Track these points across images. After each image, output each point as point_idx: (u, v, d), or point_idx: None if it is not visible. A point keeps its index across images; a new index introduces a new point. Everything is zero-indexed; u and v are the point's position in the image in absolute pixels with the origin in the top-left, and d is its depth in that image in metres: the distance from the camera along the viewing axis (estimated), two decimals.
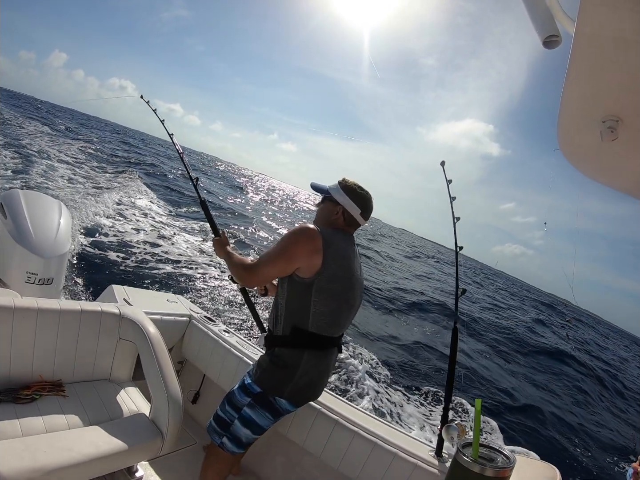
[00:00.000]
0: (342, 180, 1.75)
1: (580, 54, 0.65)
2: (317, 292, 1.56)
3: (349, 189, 1.72)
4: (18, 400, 1.63)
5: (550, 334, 18.21)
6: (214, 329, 2.58)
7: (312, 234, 1.57)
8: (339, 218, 1.72)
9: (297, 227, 1.63)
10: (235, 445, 1.68)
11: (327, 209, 1.76)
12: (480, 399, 0.87)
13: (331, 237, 1.60)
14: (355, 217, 1.73)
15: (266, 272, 1.62)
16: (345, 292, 1.63)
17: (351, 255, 1.68)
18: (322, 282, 1.55)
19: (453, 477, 0.84)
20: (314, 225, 1.63)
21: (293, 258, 1.56)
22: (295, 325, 1.60)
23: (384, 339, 8.92)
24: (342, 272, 1.60)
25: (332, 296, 1.58)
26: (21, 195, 2.54)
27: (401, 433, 1.92)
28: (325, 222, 1.74)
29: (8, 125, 19.41)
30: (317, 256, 1.54)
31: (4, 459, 1.29)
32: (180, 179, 22.17)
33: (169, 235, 10.36)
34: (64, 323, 1.86)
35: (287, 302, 1.63)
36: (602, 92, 0.73)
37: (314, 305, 1.57)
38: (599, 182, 1.01)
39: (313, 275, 1.55)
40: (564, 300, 49.49)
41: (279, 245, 1.61)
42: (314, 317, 1.58)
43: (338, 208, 1.72)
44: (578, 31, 0.62)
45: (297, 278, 1.58)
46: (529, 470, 0.95)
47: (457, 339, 1.85)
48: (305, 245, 1.56)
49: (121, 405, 1.88)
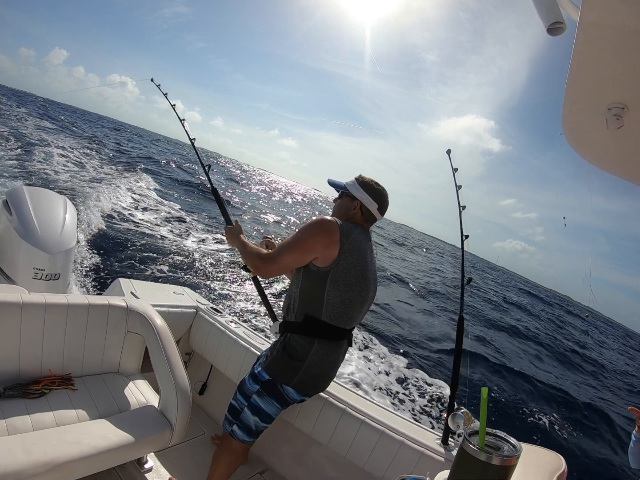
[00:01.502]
0: (358, 177, 1.79)
1: (586, 40, 0.64)
2: (331, 282, 1.58)
3: (366, 184, 1.76)
4: (28, 395, 1.65)
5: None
6: (221, 319, 2.59)
7: (330, 226, 1.59)
8: (357, 213, 1.75)
9: (315, 218, 1.65)
10: (245, 434, 1.71)
11: (344, 204, 1.79)
12: (486, 387, 0.88)
13: (349, 229, 1.62)
14: (373, 211, 1.76)
15: (283, 262, 1.63)
16: (359, 284, 1.63)
17: (367, 250, 1.69)
18: (338, 272, 1.57)
19: (459, 465, 0.85)
20: (332, 218, 1.65)
21: (310, 249, 1.58)
22: (308, 313, 1.62)
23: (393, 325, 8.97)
24: (358, 264, 1.61)
25: (346, 287, 1.59)
26: (26, 192, 2.55)
27: (408, 421, 1.94)
28: (342, 217, 1.74)
29: (8, 119, 19.40)
30: (334, 247, 1.56)
31: (15, 453, 1.31)
32: (189, 170, 22.17)
33: (175, 227, 10.39)
34: (72, 317, 1.87)
35: (301, 290, 1.64)
36: (608, 79, 0.72)
37: (327, 294, 1.59)
38: (603, 170, 1.00)
39: (329, 265, 1.57)
40: (565, 296, 49.11)
41: (296, 237, 1.62)
42: (327, 306, 1.60)
43: (355, 203, 1.75)
44: (583, 18, 0.61)
45: (313, 267, 1.60)
46: (535, 459, 0.96)
47: (463, 328, 1.85)
48: (323, 237, 1.58)
49: (130, 397, 1.90)
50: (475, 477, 0.81)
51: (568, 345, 15.93)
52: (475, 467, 0.80)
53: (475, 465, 0.80)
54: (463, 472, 0.83)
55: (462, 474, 0.84)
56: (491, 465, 0.78)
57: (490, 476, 0.79)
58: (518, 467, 0.81)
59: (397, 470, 1.72)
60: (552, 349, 13.73)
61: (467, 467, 0.82)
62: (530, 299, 33.68)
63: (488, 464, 0.78)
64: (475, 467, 0.80)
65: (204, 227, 11.58)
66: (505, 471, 0.80)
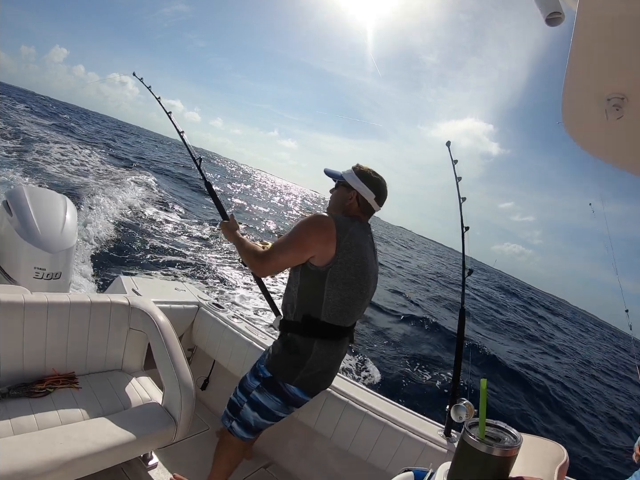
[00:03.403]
0: (356, 166, 1.72)
1: (584, 30, 0.63)
2: (330, 282, 1.53)
3: (363, 173, 1.69)
4: (32, 395, 1.66)
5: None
6: (223, 315, 2.60)
7: (325, 223, 1.55)
8: (353, 203, 1.69)
9: (310, 215, 1.60)
10: (244, 430, 1.70)
11: (340, 194, 1.73)
12: (485, 378, 0.88)
13: (345, 225, 1.57)
14: (370, 202, 1.69)
15: (279, 261, 1.60)
16: (359, 282, 1.59)
17: (366, 245, 1.64)
18: (336, 271, 1.53)
19: (460, 457, 0.85)
20: (327, 214, 1.60)
21: (306, 248, 1.54)
22: (307, 313, 1.59)
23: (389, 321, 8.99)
24: (356, 261, 1.56)
25: (346, 285, 1.55)
26: (26, 191, 2.55)
27: (410, 413, 1.94)
28: (339, 208, 1.71)
29: (8, 118, 19.33)
30: (330, 245, 1.52)
31: (22, 453, 1.32)
32: (190, 167, 22.13)
33: (176, 225, 10.39)
34: (75, 316, 1.88)
35: (299, 290, 1.60)
36: (607, 70, 0.71)
37: (327, 294, 1.55)
38: (603, 160, 1.00)
39: (327, 264, 1.52)
40: (562, 299, 49.69)
41: (292, 235, 1.58)
42: (327, 306, 1.56)
43: (352, 193, 1.68)
44: (581, 7, 0.60)
45: (310, 267, 1.56)
46: (536, 449, 0.96)
47: (464, 319, 1.85)
48: (319, 234, 1.53)
49: (134, 394, 1.91)
50: (476, 468, 0.81)
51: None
52: (476, 458, 0.80)
53: (476, 456, 0.80)
54: (464, 464, 0.84)
55: (463, 465, 0.84)
56: (492, 457, 0.79)
57: (491, 467, 0.80)
58: (519, 458, 0.81)
59: (400, 462, 1.72)
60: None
61: (468, 458, 0.82)
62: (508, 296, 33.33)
63: (488, 455, 0.78)
64: (476, 458, 0.80)
65: (205, 223, 11.59)
66: (506, 462, 0.80)
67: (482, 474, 0.81)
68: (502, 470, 0.80)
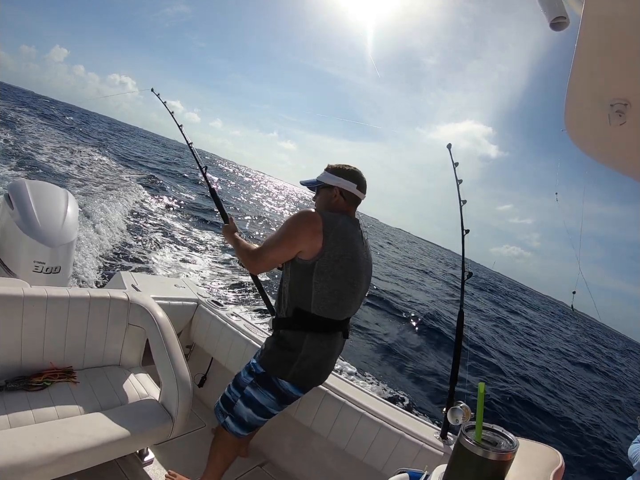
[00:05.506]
0: (327, 167, 1.78)
1: (589, 36, 0.63)
2: (318, 274, 1.56)
3: (337, 170, 1.75)
4: (30, 388, 1.66)
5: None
6: (222, 312, 2.60)
7: (312, 217, 1.59)
8: (339, 199, 1.73)
9: (297, 211, 1.65)
10: (237, 426, 1.71)
11: (324, 196, 1.77)
12: (483, 382, 0.88)
13: (333, 219, 1.61)
14: (353, 192, 1.74)
15: (269, 257, 1.64)
16: (348, 275, 1.62)
17: (355, 238, 1.66)
18: (323, 263, 1.56)
19: (456, 459, 0.85)
20: (314, 209, 1.65)
21: (295, 242, 1.58)
22: (298, 307, 1.62)
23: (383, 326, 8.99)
24: (344, 254, 1.59)
25: (334, 278, 1.58)
26: (27, 185, 2.55)
27: (407, 415, 1.94)
28: (326, 209, 1.73)
29: (7, 117, 19.32)
30: (318, 238, 1.55)
31: (18, 446, 1.33)
32: (189, 168, 22.25)
33: (176, 224, 10.40)
34: (74, 310, 1.88)
35: (290, 285, 1.64)
36: (611, 76, 0.71)
37: (315, 287, 1.58)
38: (605, 165, 1.00)
39: (314, 257, 1.56)
40: (560, 302, 49.72)
41: (280, 231, 1.62)
42: (316, 299, 1.59)
43: (334, 191, 1.73)
44: (586, 12, 0.60)
45: (298, 261, 1.60)
46: (532, 454, 0.96)
47: (462, 322, 1.85)
48: (306, 228, 1.57)
49: (131, 390, 1.91)
50: (472, 471, 0.81)
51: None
52: (472, 461, 0.80)
53: (472, 460, 0.80)
54: (460, 467, 0.84)
55: (458, 468, 0.84)
56: (488, 460, 0.79)
57: (486, 471, 0.80)
58: (515, 462, 0.81)
59: (396, 463, 1.72)
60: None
61: (464, 461, 0.82)
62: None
63: (484, 459, 0.78)
64: (472, 461, 0.80)
65: (205, 223, 11.60)
66: (502, 466, 0.80)
67: (478, 477, 0.81)
68: (497, 475, 0.80)
